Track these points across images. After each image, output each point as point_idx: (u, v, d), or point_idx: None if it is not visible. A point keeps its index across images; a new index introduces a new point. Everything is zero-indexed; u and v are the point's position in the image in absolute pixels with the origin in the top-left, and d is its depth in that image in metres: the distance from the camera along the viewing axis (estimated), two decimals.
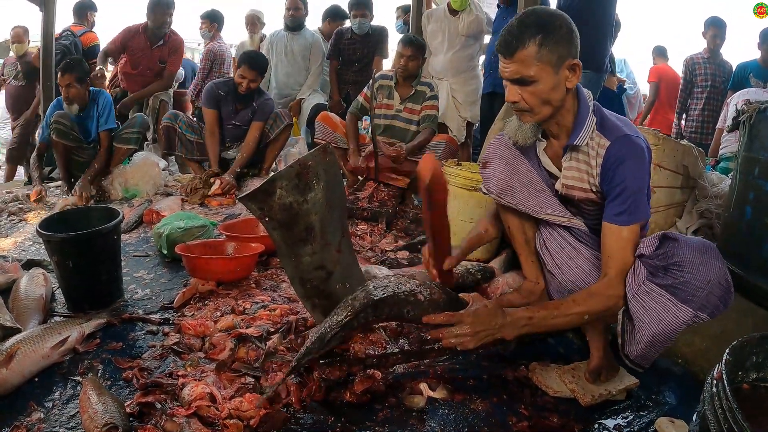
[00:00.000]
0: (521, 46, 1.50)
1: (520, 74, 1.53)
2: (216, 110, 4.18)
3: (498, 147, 1.80)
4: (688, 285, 1.42)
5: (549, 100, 1.56)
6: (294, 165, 1.47)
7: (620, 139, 1.56)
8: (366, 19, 5.06)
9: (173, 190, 4.23)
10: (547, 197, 1.72)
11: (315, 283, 1.56)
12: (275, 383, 1.54)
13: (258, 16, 5.75)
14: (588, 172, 1.62)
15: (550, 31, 1.50)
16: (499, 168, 1.76)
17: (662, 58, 6.62)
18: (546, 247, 1.79)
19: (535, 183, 1.73)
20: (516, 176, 1.74)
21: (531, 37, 1.49)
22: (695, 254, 1.44)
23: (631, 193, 1.54)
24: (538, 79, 1.52)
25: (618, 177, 1.54)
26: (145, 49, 5.00)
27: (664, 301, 1.45)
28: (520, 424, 1.55)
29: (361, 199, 3.58)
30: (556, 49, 1.51)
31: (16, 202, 3.84)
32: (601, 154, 1.57)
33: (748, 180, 2.12)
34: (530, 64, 1.51)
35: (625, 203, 1.54)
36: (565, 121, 1.64)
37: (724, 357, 1.15)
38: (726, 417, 1.00)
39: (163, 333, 1.98)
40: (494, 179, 1.77)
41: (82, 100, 3.96)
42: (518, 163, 1.74)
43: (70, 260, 2.06)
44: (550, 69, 1.52)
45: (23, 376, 1.63)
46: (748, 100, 2.21)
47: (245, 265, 2.45)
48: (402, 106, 3.95)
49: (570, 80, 1.56)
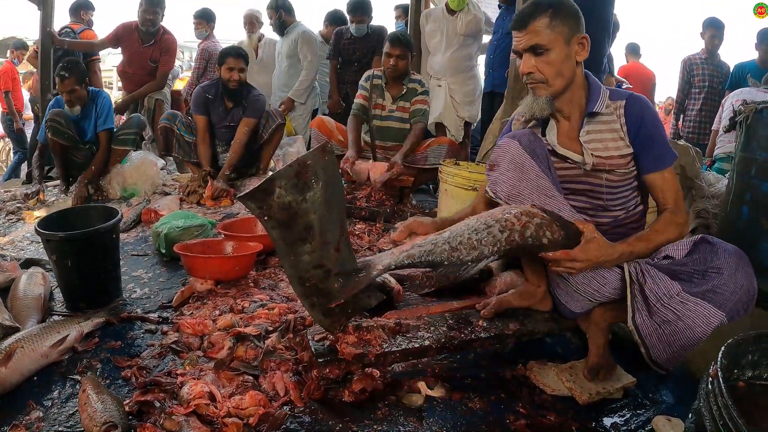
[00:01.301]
0: (534, 18, 1.67)
1: (534, 41, 1.68)
2: (206, 116, 4.14)
3: (507, 150, 1.75)
4: (725, 289, 1.48)
5: (561, 71, 1.70)
6: (293, 164, 1.47)
7: (631, 97, 1.76)
8: (363, 24, 5.07)
9: (171, 190, 4.23)
10: (557, 204, 1.70)
11: (314, 281, 1.56)
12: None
13: (256, 15, 5.76)
14: (613, 137, 1.74)
15: (559, 6, 1.68)
16: (508, 173, 1.73)
17: (634, 56, 6.66)
18: None
19: (545, 189, 1.71)
20: (525, 182, 1.71)
21: (543, 10, 1.67)
22: (733, 259, 1.51)
23: (662, 137, 1.73)
24: (551, 47, 1.67)
25: (646, 126, 1.71)
26: (137, 47, 5.02)
27: (699, 309, 1.49)
28: (517, 423, 1.55)
29: (359, 199, 3.58)
30: (566, 22, 1.68)
31: (15, 201, 3.85)
32: (622, 114, 1.74)
33: (745, 180, 2.13)
34: (542, 33, 1.67)
35: (661, 147, 1.72)
36: (577, 96, 1.77)
37: (720, 355, 1.16)
38: (721, 414, 1.01)
39: (161, 332, 1.98)
40: (503, 184, 1.74)
41: (83, 101, 3.95)
42: (528, 168, 1.71)
43: (69, 259, 2.06)
44: (561, 40, 1.68)
45: (22, 375, 1.63)
46: (745, 101, 2.22)
47: (244, 264, 2.45)
48: (394, 105, 3.95)
49: (579, 54, 1.72)
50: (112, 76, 11.05)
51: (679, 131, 5.56)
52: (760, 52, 4.91)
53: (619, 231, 1.80)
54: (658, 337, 1.56)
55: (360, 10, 5.07)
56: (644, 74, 6.16)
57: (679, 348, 1.54)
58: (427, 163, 3.81)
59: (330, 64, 5.36)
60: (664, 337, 1.55)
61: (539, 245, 1.56)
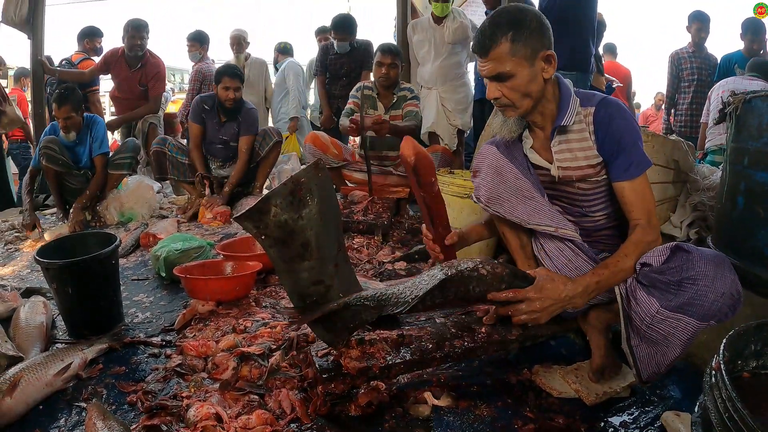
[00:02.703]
0: (494, 44, 1.59)
1: (497, 71, 1.61)
2: (201, 125, 4.24)
3: (486, 155, 1.81)
4: (703, 299, 1.42)
5: (528, 92, 1.63)
6: (287, 182, 1.48)
7: (601, 101, 1.67)
8: (345, 42, 5.11)
9: (168, 213, 4.24)
10: (536, 204, 1.72)
11: (314, 298, 1.57)
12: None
13: (243, 36, 5.85)
14: (582, 146, 1.68)
15: (520, 26, 1.58)
16: (488, 177, 1.78)
17: (611, 55, 6.75)
18: (544, 251, 1.78)
19: (524, 190, 1.73)
20: (503, 184, 1.74)
21: (503, 34, 1.58)
22: (709, 267, 1.44)
23: (632, 144, 1.62)
24: (515, 73, 1.60)
25: (614, 133, 1.63)
26: (126, 73, 5.07)
27: (679, 325, 1.45)
28: (525, 427, 1.55)
29: (356, 212, 3.59)
30: (529, 42, 1.58)
31: (13, 231, 3.85)
32: (591, 122, 1.67)
33: (738, 170, 2.14)
34: (505, 60, 1.59)
35: (630, 155, 1.62)
36: (548, 110, 1.71)
37: (722, 347, 1.16)
38: (726, 406, 1.01)
39: (165, 355, 1.98)
40: (483, 188, 1.79)
41: (78, 127, 3.98)
42: (506, 171, 1.75)
43: (69, 287, 2.06)
44: (525, 62, 1.59)
45: (27, 404, 1.63)
46: (733, 92, 2.23)
47: (244, 283, 2.45)
48: (387, 115, 3.98)
49: (546, 71, 1.64)
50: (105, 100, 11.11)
51: (671, 126, 5.59)
52: (746, 42, 4.95)
53: (605, 233, 1.81)
54: (650, 357, 1.55)
55: (342, 28, 5.12)
56: (620, 73, 6.23)
57: (667, 366, 1.53)
58: None
59: (317, 80, 5.43)
60: (655, 357, 1.54)
61: (478, 277, 1.53)
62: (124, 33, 4.95)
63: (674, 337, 1.47)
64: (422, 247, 3.16)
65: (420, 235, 1.98)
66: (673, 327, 1.46)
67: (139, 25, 4.96)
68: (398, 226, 3.71)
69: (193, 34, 5.76)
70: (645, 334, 1.52)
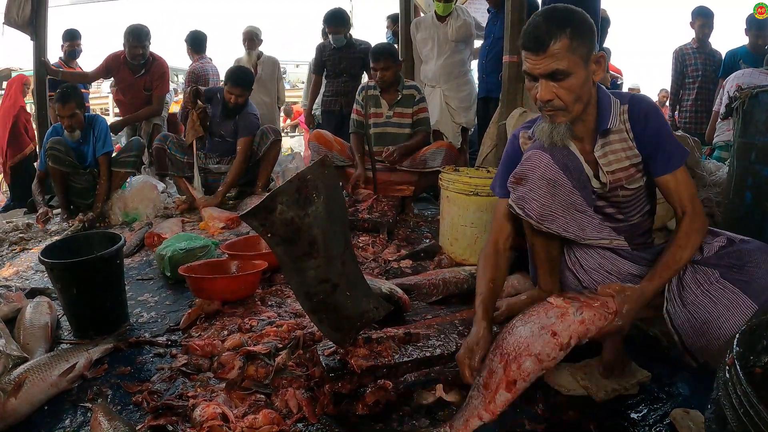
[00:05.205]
0: (553, 40, 1.48)
1: (554, 68, 1.50)
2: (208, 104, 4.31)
3: (537, 164, 1.63)
4: (761, 282, 1.47)
5: (581, 95, 1.56)
6: (293, 180, 1.47)
7: (633, 98, 1.65)
8: (340, 35, 5.09)
9: (173, 212, 4.24)
10: (588, 218, 1.66)
11: (321, 296, 1.55)
12: None
13: (256, 32, 5.80)
14: (623, 147, 1.64)
15: (577, 24, 1.50)
16: (541, 190, 1.61)
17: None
18: (581, 266, 1.74)
19: (577, 204, 1.64)
20: (557, 198, 1.61)
21: (561, 30, 1.48)
22: (766, 255, 1.52)
23: (669, 136, 1.61)
24: (573, 72, 1.51)
25: (651, 127, 1.61)
26: (130, 79, 5.09)
27: (735, 298, 1.48)
28: (535, 426, 1.54)
29: (362, 211, 3.58)
30: (585, 41, 1.51)
31: (17, 232, 3.85)
32: (626, 119, 1.63)
33: (746, 166, 2.12)
34: (563, 57, 1.49)
35: (669, 147, 1.60)
36: (590, 116, 1.64)
37: (735, 343, 1.15)
38: (741, 402, 1.00)
39: (170, 355, 1.98)
40: (533, 202, 1.62)
41: (82, 125, 3.98)
42: (561, 184, 1.61)
43: (74, 287, 2.05)
44: (581, 62, 1.52)
45: (32, 405, 1.62)
46: (740, 86, 2.22)
47: (249, 283, 2.44)
48: (391, 111, 3.98)
49: (596, 73, 1.58)
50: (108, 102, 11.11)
51: (676, 122, 5.56)
52: (750, 37, 4.92)
53: (640, 229, 1.79)
54: (690, 326, 1.54)
55: (334, 21, 5.08)
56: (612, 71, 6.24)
57: (710, 338, 1.51)
58: (426, 167, 3.82)
59: (312, 78, 5.44)
60: (696, 325, 1.53)
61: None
62: (125, 41, 4.94)
63: (722, 306, 1.49)
64: (428, 245, 3.15)
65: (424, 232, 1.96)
66: (727, 298, 1.49)
67: (139, 33, 4.94)
68: (403, 224, 3.71)
69: (188, 38, 5.81)
70: (692, 300, 1.53)
